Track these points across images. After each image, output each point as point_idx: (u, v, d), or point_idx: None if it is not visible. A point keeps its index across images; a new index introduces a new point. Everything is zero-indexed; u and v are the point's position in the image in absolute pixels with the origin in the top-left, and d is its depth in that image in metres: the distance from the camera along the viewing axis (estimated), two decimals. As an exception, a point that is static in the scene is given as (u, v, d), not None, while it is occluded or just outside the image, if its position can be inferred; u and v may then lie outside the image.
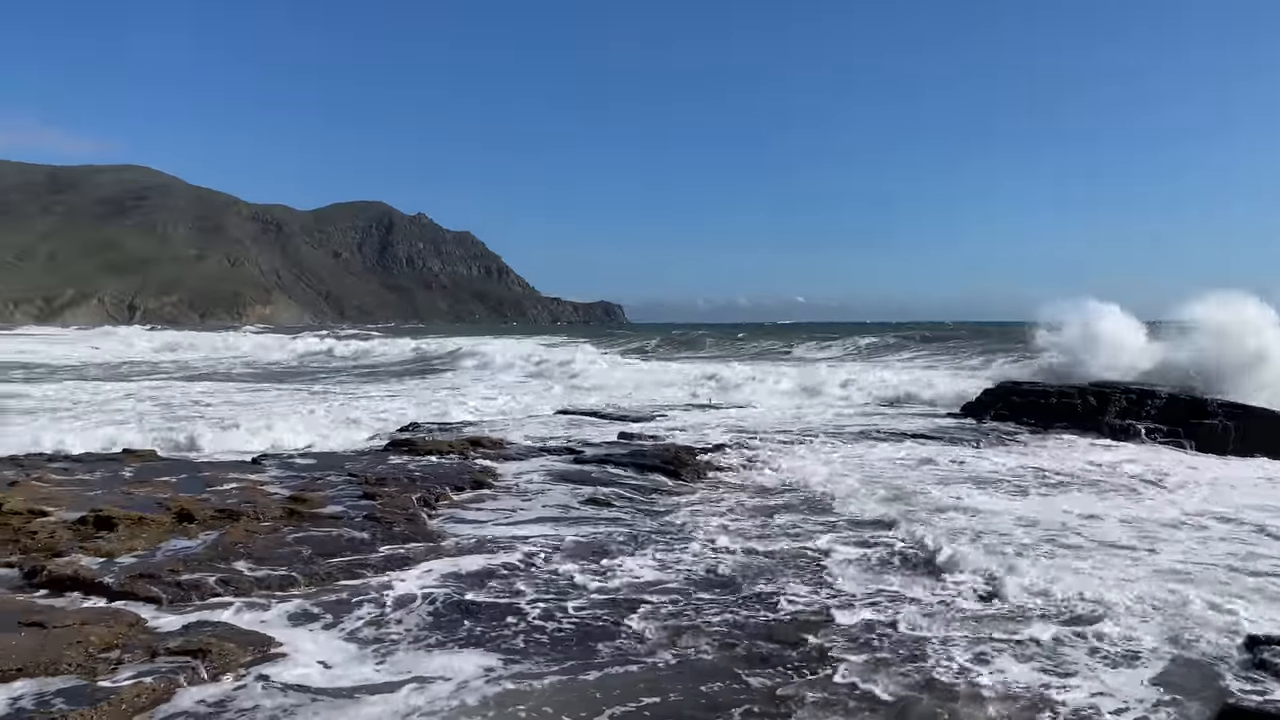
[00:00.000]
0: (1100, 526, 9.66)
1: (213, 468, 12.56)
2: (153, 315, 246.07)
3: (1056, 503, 10.97)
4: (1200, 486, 12.23)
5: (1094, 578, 7.53)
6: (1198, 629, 6.37)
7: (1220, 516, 10.21)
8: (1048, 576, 7.49)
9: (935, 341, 51.86)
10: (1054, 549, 8.58)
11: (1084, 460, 14.49)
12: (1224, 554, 8.49)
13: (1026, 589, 7.25)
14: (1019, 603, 7.02)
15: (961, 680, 5.58)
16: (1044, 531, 9.32)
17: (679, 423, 19.61)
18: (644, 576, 7.79)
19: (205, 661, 5.60)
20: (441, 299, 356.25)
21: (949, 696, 5.35)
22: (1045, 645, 6.17)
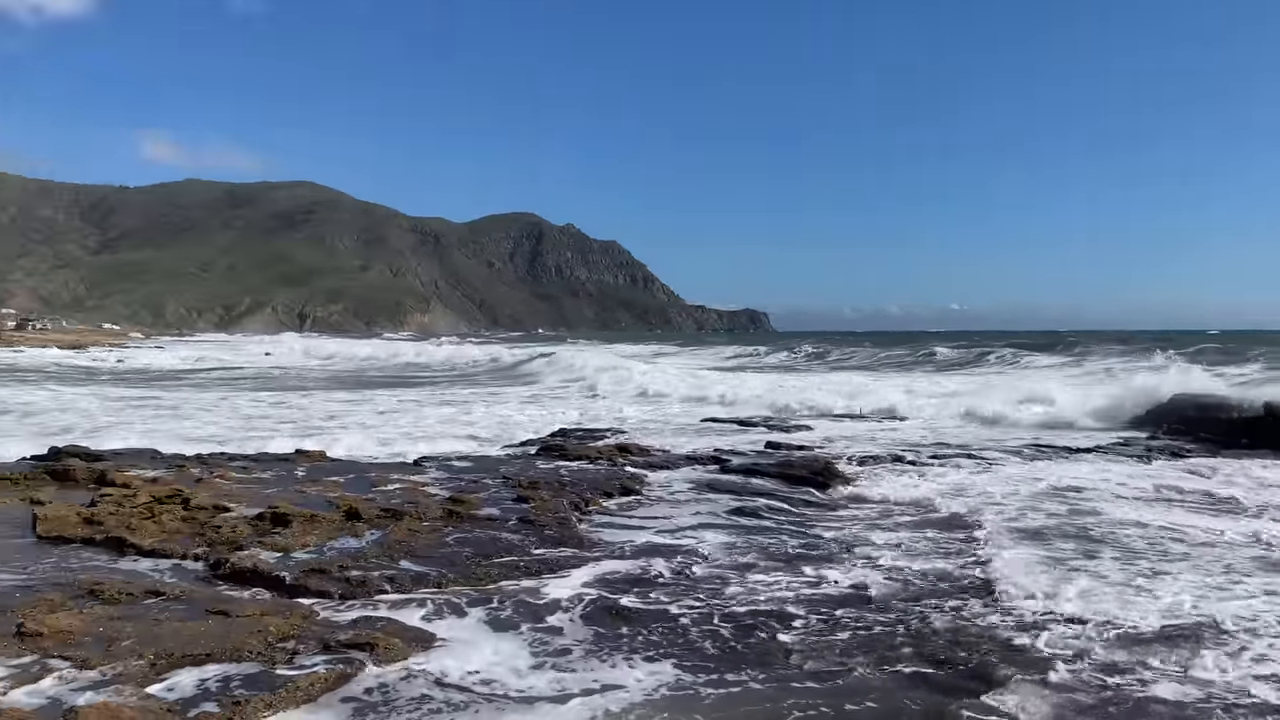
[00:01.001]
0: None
1: (378, 469, 13.15)
2: (321, 323, 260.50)
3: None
4: None
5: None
6: None
7: None
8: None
9: (1101, 348, 49.11)
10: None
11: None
12: None
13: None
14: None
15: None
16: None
17: (828, 433, 19.28)
18: (792, 589, 7.69)
19: (372, 655, 5.85)
20: (588, 307, 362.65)
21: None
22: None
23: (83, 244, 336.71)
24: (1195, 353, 41.85)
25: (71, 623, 6.18)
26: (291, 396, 29.97)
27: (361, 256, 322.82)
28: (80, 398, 27.90)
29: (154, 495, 9.95)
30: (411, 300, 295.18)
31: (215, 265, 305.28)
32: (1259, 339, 59.18)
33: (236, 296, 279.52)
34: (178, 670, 5.54)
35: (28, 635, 5.93)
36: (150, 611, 6.62)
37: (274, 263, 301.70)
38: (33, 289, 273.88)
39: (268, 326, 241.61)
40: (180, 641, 5.93)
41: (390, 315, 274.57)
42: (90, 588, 6.98)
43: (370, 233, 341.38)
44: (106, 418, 22.33)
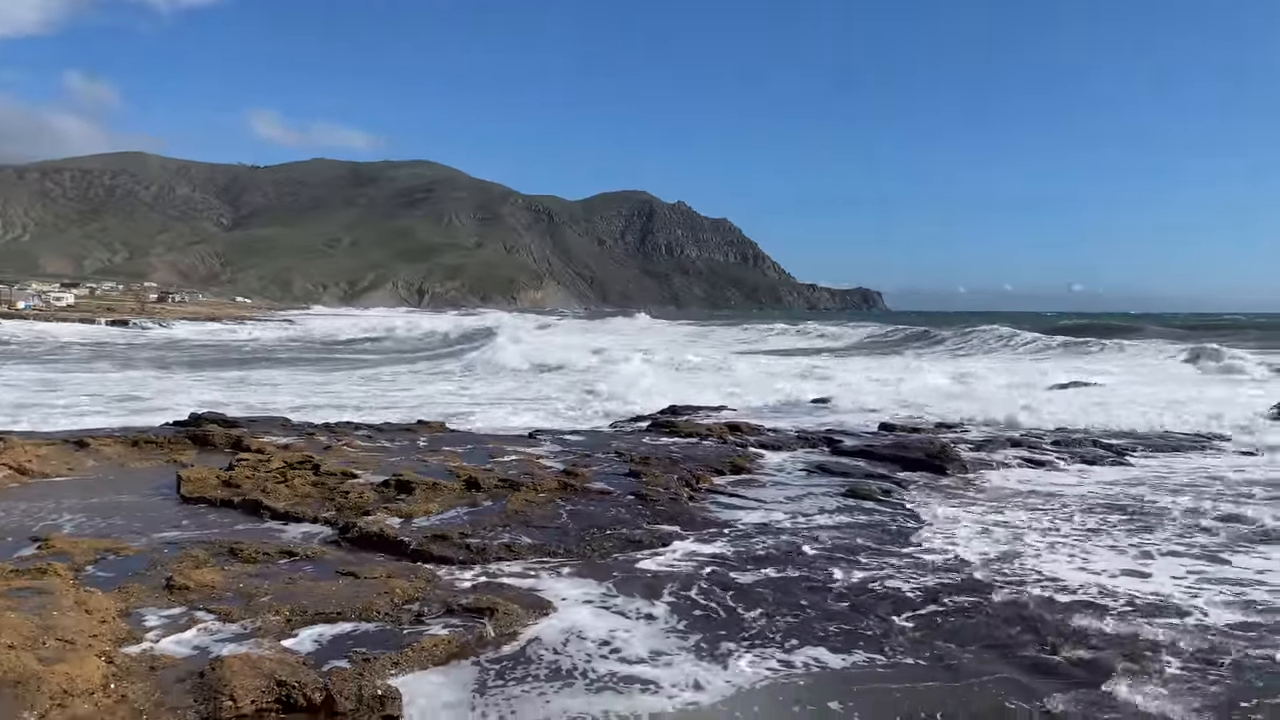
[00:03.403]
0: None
1: (495, 440, 13.51)
2: (439, 298, 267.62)
3: None
4: None
5: None
6: None
7: None
8: None
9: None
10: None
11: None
12: None
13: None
14: None
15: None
16: None
17: (941, 414, 18.83)
18: (904, 573, 7.59)
19: (492, 620, 6.05)
20: (698, 285, 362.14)
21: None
22: None
23: (217, 221, 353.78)
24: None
25: (214, 579, 6.58)
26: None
27: (477, 234, 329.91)
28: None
29: (286, 461, 10.46)
30: (525, 277, 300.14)
31: (340, 242, 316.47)
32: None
33: (360, 272, 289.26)
34: (311, 626, 5.85)
35: (176, 589, 6.35)
36: (285, 571, 7.00)
37: (394, 239, 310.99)
38: (171, 263, 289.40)
39: (389, 301, 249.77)
40: (313, 599, 6.24)
41: (504, 291, 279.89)
42: (230, 546, 7.42)
43: (486, 210, 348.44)
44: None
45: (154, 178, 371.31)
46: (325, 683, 4.79)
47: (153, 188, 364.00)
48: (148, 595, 6.24)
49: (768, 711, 4.97)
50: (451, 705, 4.94)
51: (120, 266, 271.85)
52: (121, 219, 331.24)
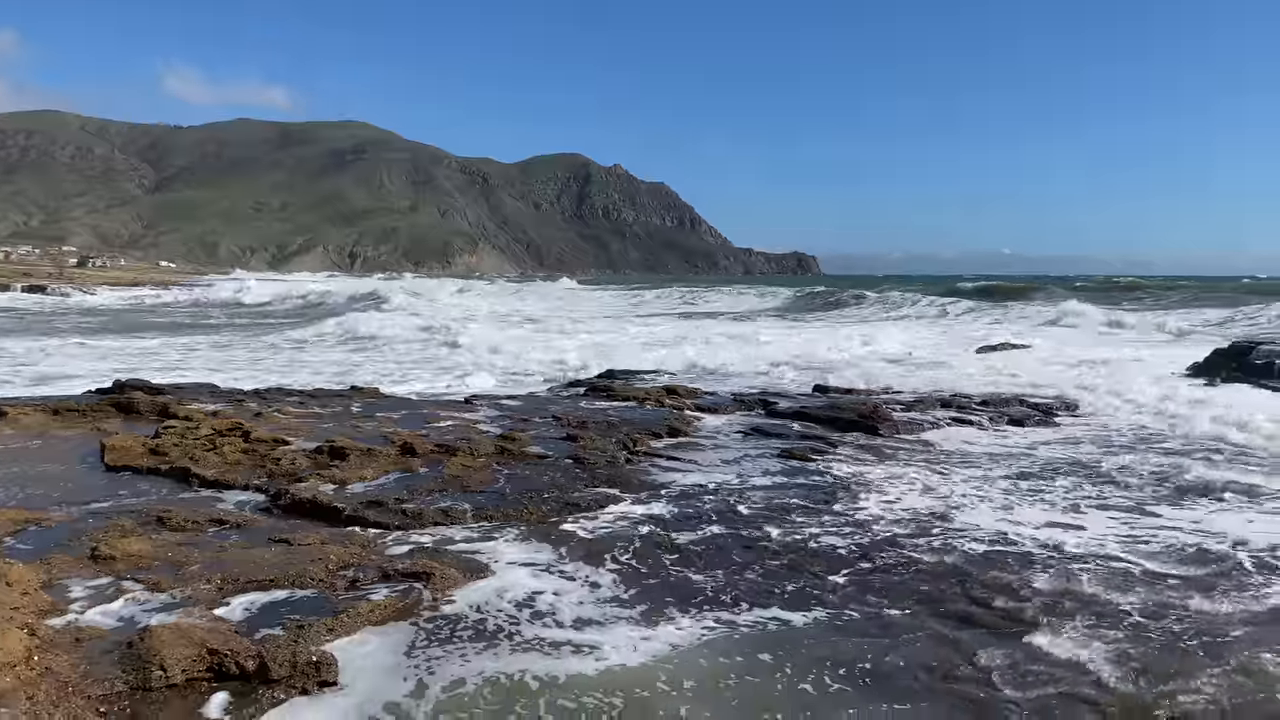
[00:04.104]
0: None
1: (430, 405, 13.38)
2: (371, 263, 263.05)
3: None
4: None
5: None
6: None
7: None
8: None
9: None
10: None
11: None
12: None
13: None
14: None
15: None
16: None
17: (873, 377, 19.15)
18: (838, 531, 7.74)
19: (429, 584, 6.02)
20: (635, 249, 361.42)
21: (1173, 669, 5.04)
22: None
23: (138, 183, 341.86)
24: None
25: (142, 548, 6.43)
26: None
27: (410, 197, 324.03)
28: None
29: (215, 428, 10.23)
30: (459, 241, 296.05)
31: (267, 205, 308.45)
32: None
33: (288, 236, 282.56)
34: (244, 594, 5.76)
35: (101, 559, 6.19)
36: (215, 539, 6.87)
37: (324, 202, 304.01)
38: (91, 226, 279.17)
39: (320, 266, 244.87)
40: (245, 567, 6.14)
41: (438, 256, 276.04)
42: (158, 515, 7.26)
43: (419, 173, 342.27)
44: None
45: (71, 137, 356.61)
46: (259, 650, 4.72)
47: (69, 148, 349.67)
48: (72, 566, 6.08)
49: (699, 670, 5.03)
50: (387, 669, 4.91)
51: (36, 230, 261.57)
52: (36, 180, 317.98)
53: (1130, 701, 4.74)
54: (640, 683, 4.86)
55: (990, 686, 4.91)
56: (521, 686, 4.78)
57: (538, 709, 4.56)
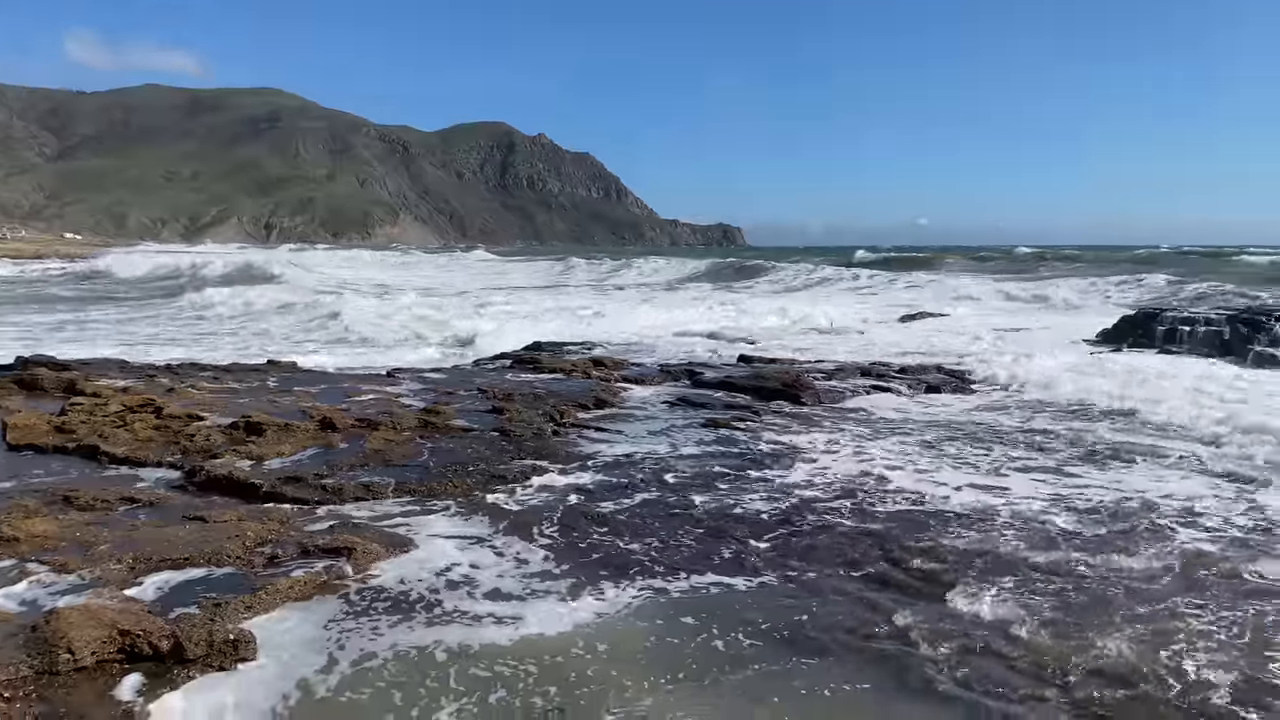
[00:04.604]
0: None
1: (351, 379, 13.13)
2: (288, 234, 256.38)
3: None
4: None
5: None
6: None
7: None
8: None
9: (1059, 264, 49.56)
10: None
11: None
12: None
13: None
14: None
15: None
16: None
17: (802, 346, 19.43)
18: (761, 497, 7.84)
19: (350, 559, 5.93)
20: (561, 220, 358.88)
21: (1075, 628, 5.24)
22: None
23: (39, 151, 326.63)
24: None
25: (48, 528, 6.20)
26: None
27: (328, 166, 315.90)
28: None
29: (125, 404, 9.88)
30: (380, 211, 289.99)
31: (178, 174, 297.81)
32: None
33: (202, 206, 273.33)
34: (157, 573, 5.60)
35: (4, 540, 5.96)
36: (126, 518, 6.66)
37: (238, 172, 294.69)
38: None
39: (235, 237, 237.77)
40: (158, 546, 5.97)
41: (358, 226, 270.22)
42: (65, 494, 7.00)
43: (337, 141, 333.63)
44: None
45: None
46: (173, 630, 4.60)
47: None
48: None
49: (619, 636, 5.07)
50: (306, 644, 4.84)
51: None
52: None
53: (1044, 656, 4.91)
54: (557, 650, 4.89)
55: (908, 645, 5.04)
56: (434, 658, 4.76)
57: (448, 679, 4.54)
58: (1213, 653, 4.95)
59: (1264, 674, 4.75)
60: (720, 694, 4.52)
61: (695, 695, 4.49)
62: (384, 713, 4.26)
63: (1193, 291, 34.28)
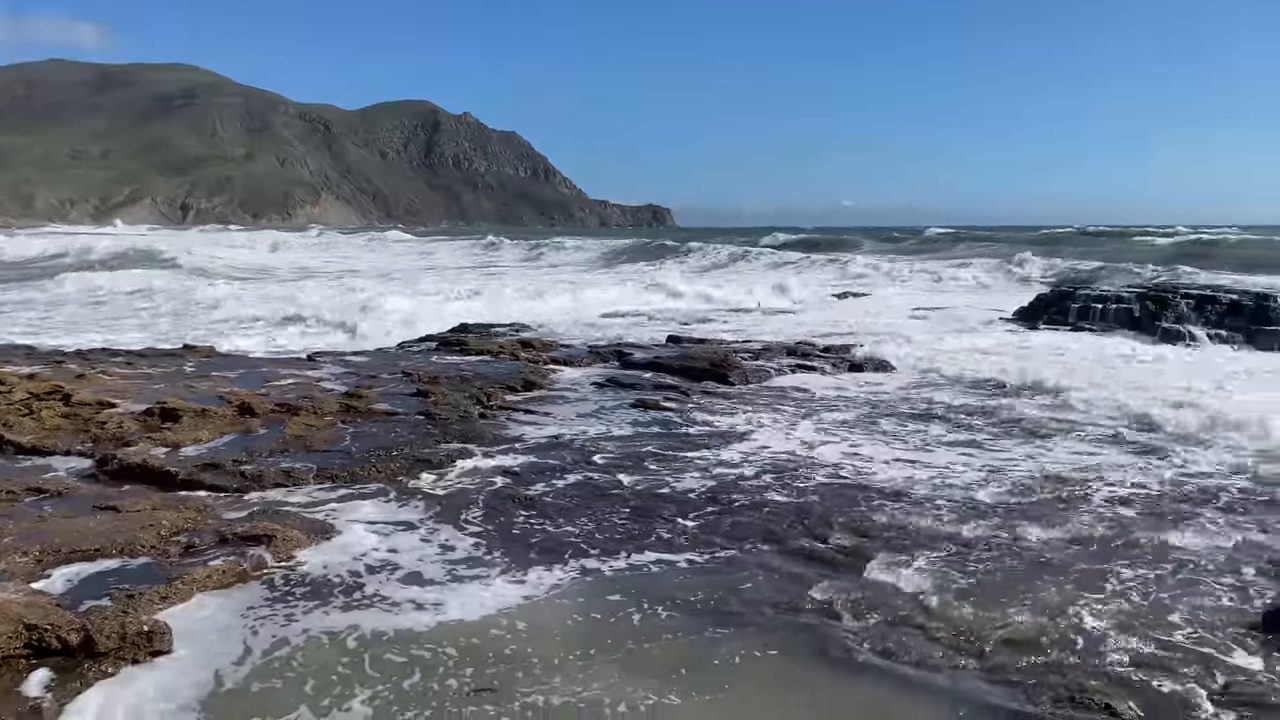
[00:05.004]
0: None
1: (270, 364, 12.84)
2: (206, 215, 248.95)
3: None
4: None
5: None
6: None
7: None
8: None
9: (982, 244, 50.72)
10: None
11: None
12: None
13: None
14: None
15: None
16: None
17: (731, 325, 19.58)
18: (689, 476, 7.90)
19: (270, 547, 5.82)
20: (488, 200, 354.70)
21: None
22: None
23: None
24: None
25: (-52, 522, 5.95)
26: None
27: (246, 145, 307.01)
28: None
29: (31, 391, 9.51)
30: (301, 191, 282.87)
31: (87, 153, 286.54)
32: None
33: (113, 186, 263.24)
34: (66, 565, 5.42)
35: (-100, 535, 5.69)
36: (33, 508, 6.44)
37: (151, 150, 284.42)
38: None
39: (149, 218, 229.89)
40: (68, 537, 5.77)
41: (279, 208, 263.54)
42: (-34, 486, 6.71)
43: (255, 119, 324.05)
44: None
45: None
46: (83, 623, 4.46)
47: None
48: None
49: (541, 617, 5.08)
50: (222, 634, 4.74)
51: None
52: None
53: (960, 626, 5.05)
54: (478, 632, 4.88)
55: (830, 616, 5.14)
56: (349, 644, 4.70)
57: (363, 665, 4.50)
58: (1118, 618, 5.15)
59: (1166, 636, 4.95)
60: (633, 667, 4.56)
61: (610, 669, 4.53)
62: (298, 702, 4.19)
63: (1092, 267, 35.39)
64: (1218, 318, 17.48)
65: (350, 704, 4.19)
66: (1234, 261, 34.02)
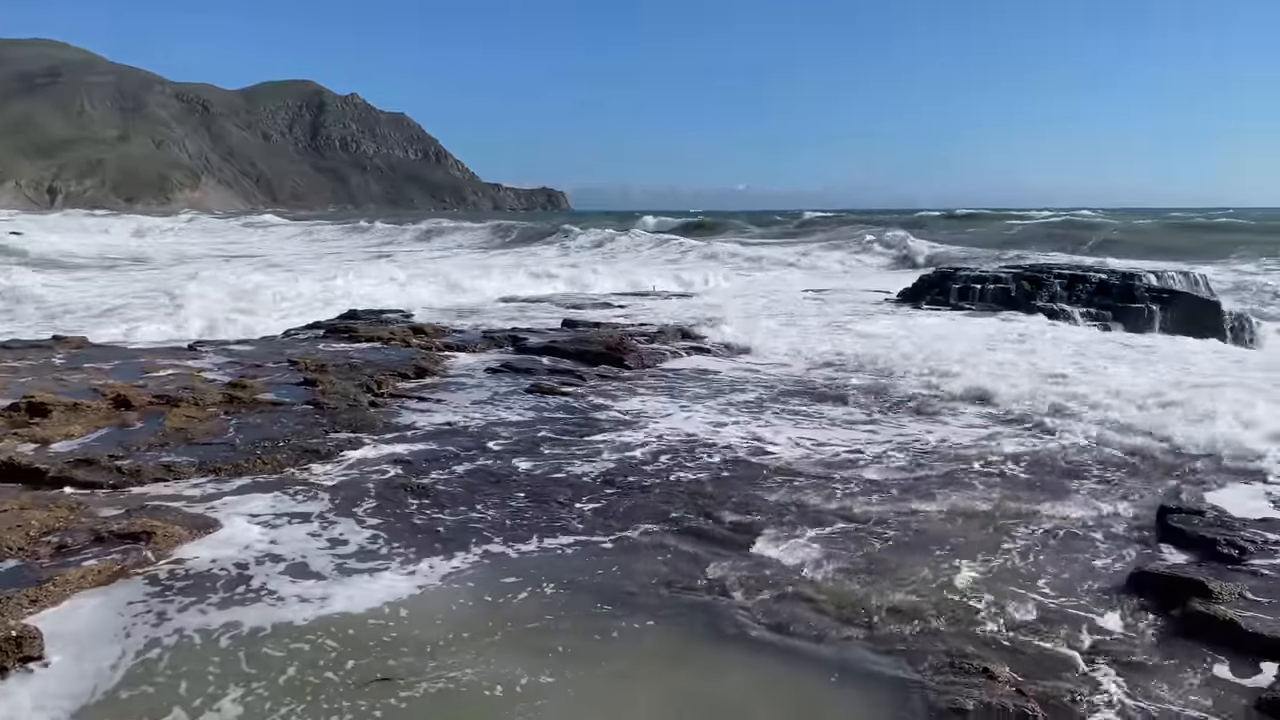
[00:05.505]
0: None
1: (148, 354, 12.32)
2: (76, 199, 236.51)
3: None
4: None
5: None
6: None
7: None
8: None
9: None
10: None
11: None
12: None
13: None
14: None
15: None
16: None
17: (626, 310, 19.64)
18: (584, 460, 7.92)
19: (150, 544, 5.60)
20: (376, 183, 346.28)
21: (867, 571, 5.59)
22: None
23: None
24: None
25: None
26: None
27: (119, 126, 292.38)
28: None
29: (-119, 388, 8.92)
30: (179, 175, 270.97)
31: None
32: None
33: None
34: (-77, 572, 5.11)
35: None
36: (-115, 513, 6.03)
37: (14, 131, 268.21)
38: None
39: (13, 203, 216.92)
40: (-76, 542, 5.44)
41: (155, 192, 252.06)
42: None
43: (129, 99, 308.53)
44: None
45: None
46: (-57, 632, 4.22)
47: None
48: None
49: (426, 606, 5.03)
50: (97, 637, 4.54)
51: None
52: None
53: (846, 599, 5.21)
54: (362, 624, 4.79)
55: (723, 594, 5.24)
56: (221, 643, 4.57)
57: (238, 662, 4.38)
58: (997, 585, 5.39)
59: (1041, 600, 5.21)
60: (520, 649, 4.57)
61: (495, 652, 4.52)
62: (171, 704, 4.04)
63: (962, 252, 36.89)
64: (1088, 296, 18.36)
65: (221, 704, 4.06)
66: (1095, 243, 36.21)
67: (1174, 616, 5.00)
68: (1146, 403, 9.79)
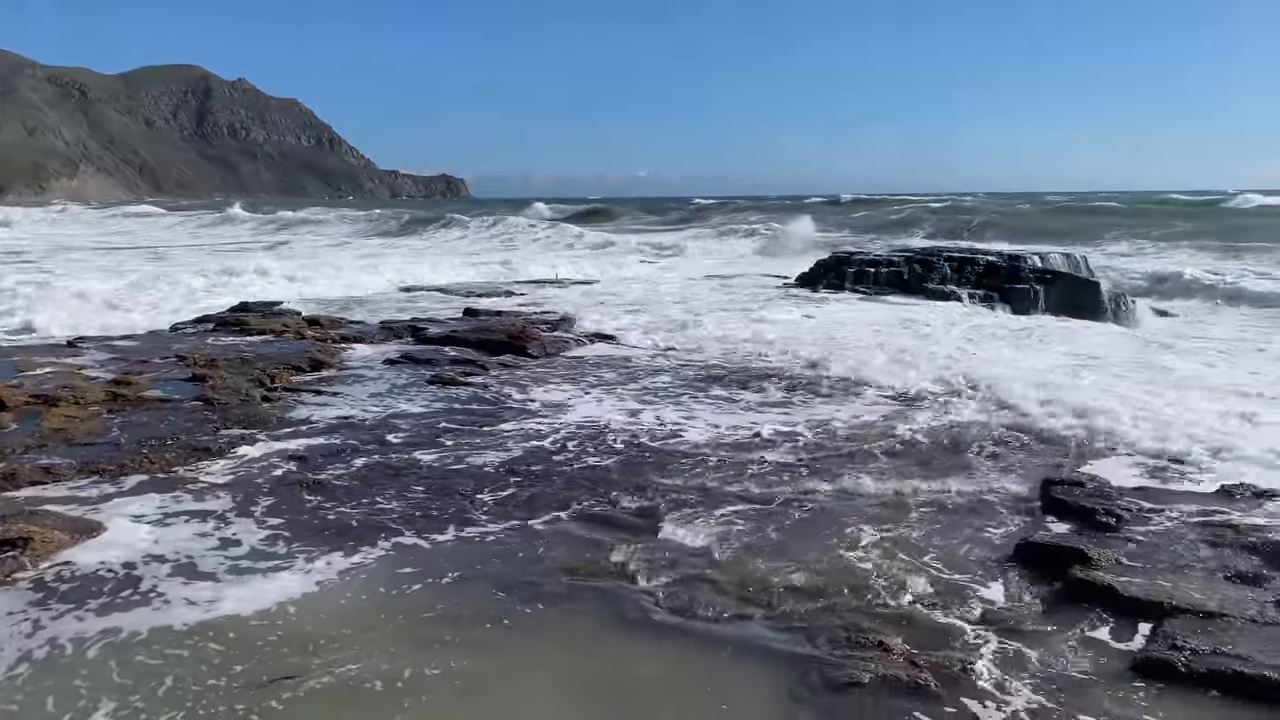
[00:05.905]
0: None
1: (23, 352, 11.71)
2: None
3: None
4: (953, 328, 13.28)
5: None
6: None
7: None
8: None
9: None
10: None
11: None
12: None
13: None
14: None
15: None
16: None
17: (527, 298, 19.51)
18: (487, 451, 7.86)
19: (27, 550, 5.34)
20: (268, 170, 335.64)
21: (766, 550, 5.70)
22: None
23: None
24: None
25: None
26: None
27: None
28: None
29: None
30: (55, 163, 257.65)
31: None
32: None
33: None
34: None
35: None
36: None
37: None
38: None
39: None
40: None
41: (29, 180, 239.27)
42: None
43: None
44: None
45: None
46: None
47: None
48: None
49: (325, 606, 4.93)
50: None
51: None
52: None
53: (747, 578, 5.30)
54: (251, 626, 4.67)
55: (626, 579, 5.28)
56: (94, 652, 4.39)
57: (110, 674, 4.20)
58: (892, 560, 5.56)
59: (933, 573, 5.40)
60: (413, 642, 4.52)
61: (386, 646, 4.47)
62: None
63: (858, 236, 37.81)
64: (976, 278, 19.00)
65: (93, 717, 3.89)
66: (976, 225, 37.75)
67: (1057, 584, 5.23)
68: (1033, 381, 10.20)
